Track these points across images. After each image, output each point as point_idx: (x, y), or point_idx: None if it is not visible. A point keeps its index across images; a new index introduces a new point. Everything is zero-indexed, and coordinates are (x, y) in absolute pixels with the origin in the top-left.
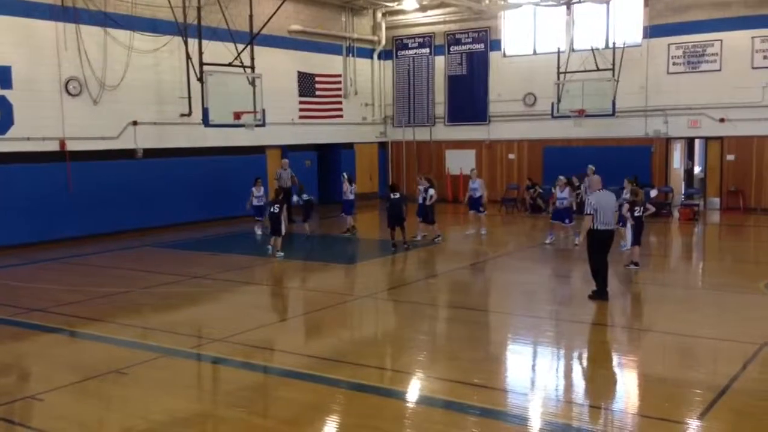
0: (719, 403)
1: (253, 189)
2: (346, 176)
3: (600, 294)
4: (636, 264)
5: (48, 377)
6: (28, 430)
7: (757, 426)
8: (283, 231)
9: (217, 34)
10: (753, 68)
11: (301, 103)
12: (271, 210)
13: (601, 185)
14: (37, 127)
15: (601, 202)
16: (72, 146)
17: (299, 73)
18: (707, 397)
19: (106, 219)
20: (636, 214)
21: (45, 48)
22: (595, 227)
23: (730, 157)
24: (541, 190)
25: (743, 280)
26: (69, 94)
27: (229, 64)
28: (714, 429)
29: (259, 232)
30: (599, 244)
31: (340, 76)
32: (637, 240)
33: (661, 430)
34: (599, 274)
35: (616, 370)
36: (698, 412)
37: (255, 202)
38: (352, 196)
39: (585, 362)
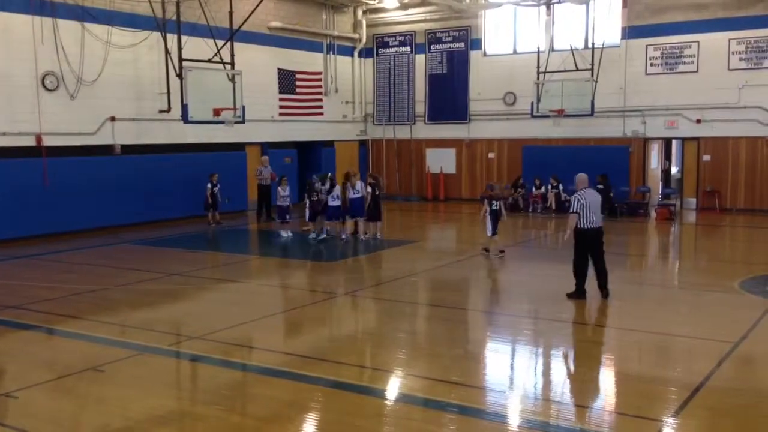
0: (694, 401)
1: (279, 189)
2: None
3: (578, 293)
4: (487, 250)
5: (23, 375)
6: (2, 428)
7: (731, 423)
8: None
9: (196, 30)
10: (729, 70)
11: (281, 100)
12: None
13: (587, 183)
14: (13, 122)
15: (586, 200)
16: (49, 141)
17: (279, 70)
18: (682, 394)
19: (83, 215)
20: (493, 207)
21: (21, 42)
22: (580, 226)
23: (706, 158)
24: (523, 191)
25: (719, 279)
26: (46, 89)
27: (209, 61)
28: (689, 426)
29: (285, 234)
30: (584, 243)
31: (320, 73)
32: (494, 230)
33: (637, 428)
34: (579, 273)
35: (593, 368)
36: (673, 409)
37: (280, 202)
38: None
39: (562, 360)
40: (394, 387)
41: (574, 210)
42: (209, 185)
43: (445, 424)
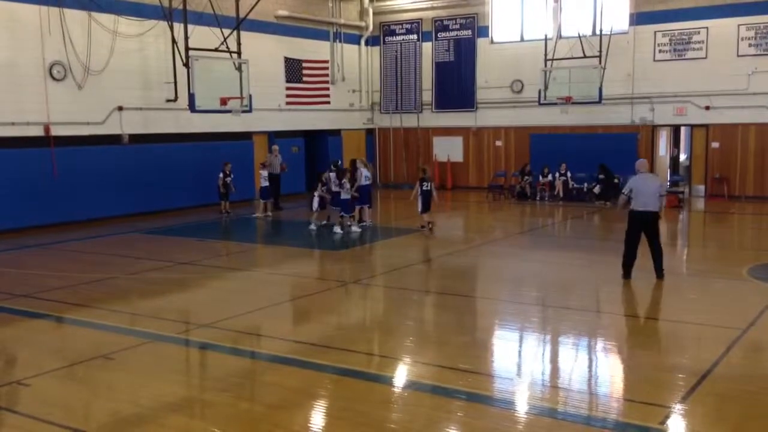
0: (702, 387)
1: (345, 181)
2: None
3: (623, 273)
4: (424, 227)
5: (34, 363)
6: (14, 415)
7: (739, 409)
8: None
9: (203, 19)
10: (738, 56)
11: (288, 89)
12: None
13: (645, 168)
14: (21, 111)
15: (637, 184)
16: (57, 131)
17: (286, 58)
18: (690, 381)
19: (91, 205)
20: (424, 188)
21: (28, 32)
22: (631, 207)
23: (715, 145)
24: (530, 179)
25: (727, 266)
26: (53, 78)
27: (216, 50)
28: (697, 412)
29: (356, 229)
30: (633, 225)
31: (327, 62)
32: (426, 208)
33: (645, 414)
34: (625, 253)
35: (601, 354)
36: (681, 395)
37: (344, 195)
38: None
39: (570, 347)
40: (402, 374)
41: (623, 192)
42: (221, 174)
43: (454, 411)
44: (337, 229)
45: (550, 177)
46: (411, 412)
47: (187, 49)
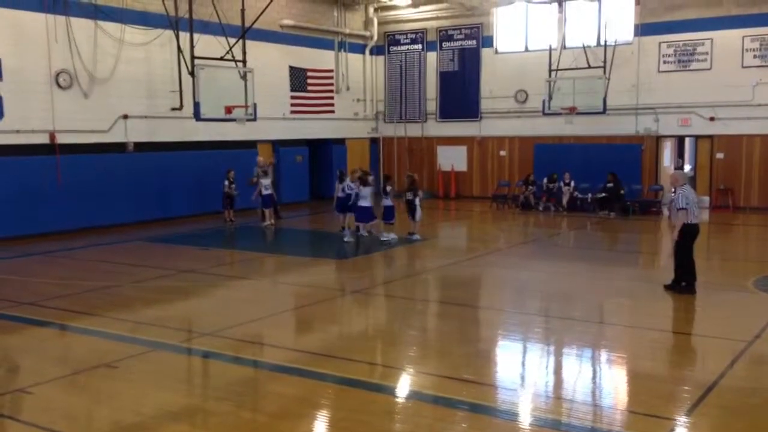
0: (707, 400)
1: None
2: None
3: (692, 287)
4: (412, 233)
5: (37, 371)
6: (17, 423)
7: (744, 422)
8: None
9: (208, 28)
10: (743, 67)
11: (292, 97)
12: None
13: (685, 180)
14: (27, 119)
15: (691, 196)
16: (62, 139)
17: (291, 67)
18: (695, 393)
19: (96, 213)
20: (408, 198)
21: (35, 40)
22: (689, 221)
23: (720, 156)
24: (534, 188)
25: (732, 278)
26: (59, 86)
27: (221, 58)
28: (702, 425)
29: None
30: (692, 238)
31: (331, 71)
32: (413, 216)
33: (650, 426)
34: (692, 268)
35: (605, 366)
36: (686, 408)
37: (386, 201)
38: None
39: (574, 358)
40: (404, 384)
41: (682, 206)
42: (225, 182)
43: (457, 422)
44: (391, 236)
45: (553, 188)
46: (413, 423)
47: (192, 57)
